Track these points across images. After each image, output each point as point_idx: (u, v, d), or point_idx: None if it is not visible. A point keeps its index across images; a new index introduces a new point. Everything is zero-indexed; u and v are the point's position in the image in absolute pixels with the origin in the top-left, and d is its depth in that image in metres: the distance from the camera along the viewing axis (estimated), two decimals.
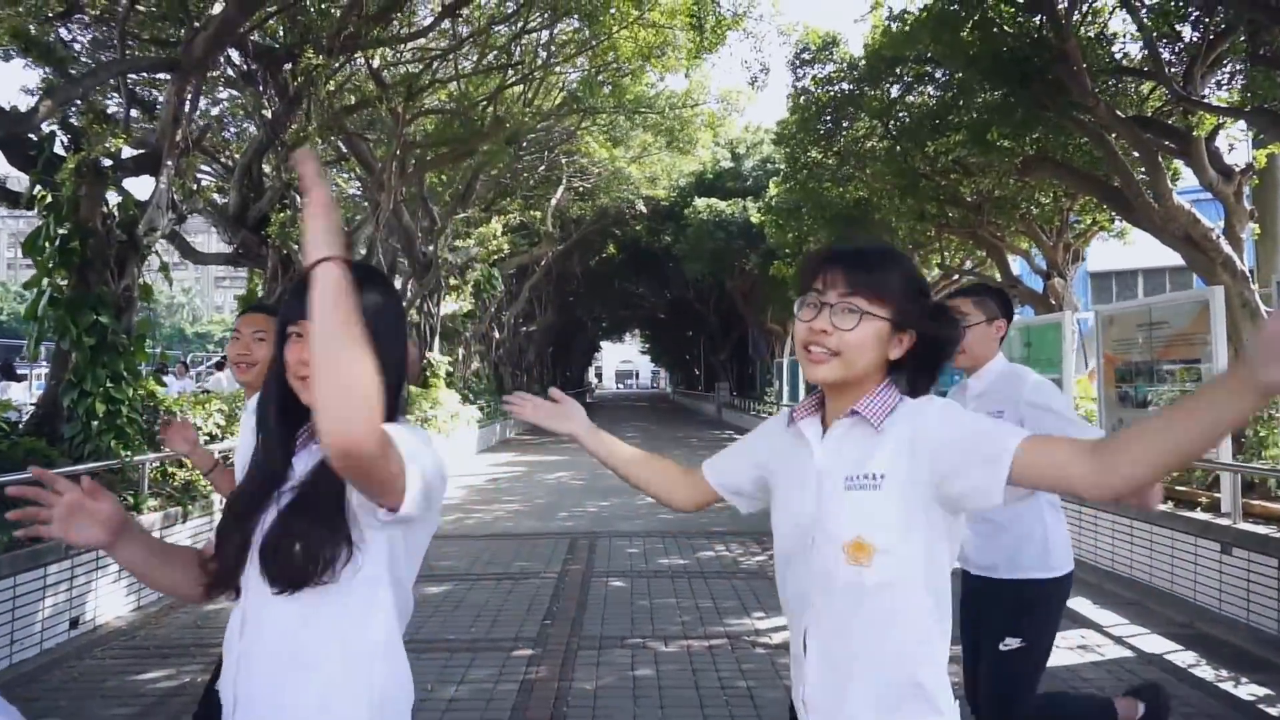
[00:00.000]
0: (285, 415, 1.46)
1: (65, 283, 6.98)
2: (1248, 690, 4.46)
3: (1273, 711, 4.21)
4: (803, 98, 12.72)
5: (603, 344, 73.96)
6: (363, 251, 14.24)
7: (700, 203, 23.07)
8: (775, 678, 4.54)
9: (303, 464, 1.44)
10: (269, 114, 11.06)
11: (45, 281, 6.84)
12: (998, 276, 11.80)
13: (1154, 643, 5.26)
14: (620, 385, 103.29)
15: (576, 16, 12.57)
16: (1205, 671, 4.75)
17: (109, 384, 6.84)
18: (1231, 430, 1.28)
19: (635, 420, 32.94)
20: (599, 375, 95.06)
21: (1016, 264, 13.18)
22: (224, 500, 2.40)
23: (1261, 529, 5.63)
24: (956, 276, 16.05)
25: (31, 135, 7.25)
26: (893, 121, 11.09)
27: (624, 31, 12.70)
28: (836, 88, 12.26)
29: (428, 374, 17.04)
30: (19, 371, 15.40)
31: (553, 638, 5.34)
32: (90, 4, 9.43)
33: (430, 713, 4.08)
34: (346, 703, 1.35)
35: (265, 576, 1.34)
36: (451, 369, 18.90)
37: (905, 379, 1.54)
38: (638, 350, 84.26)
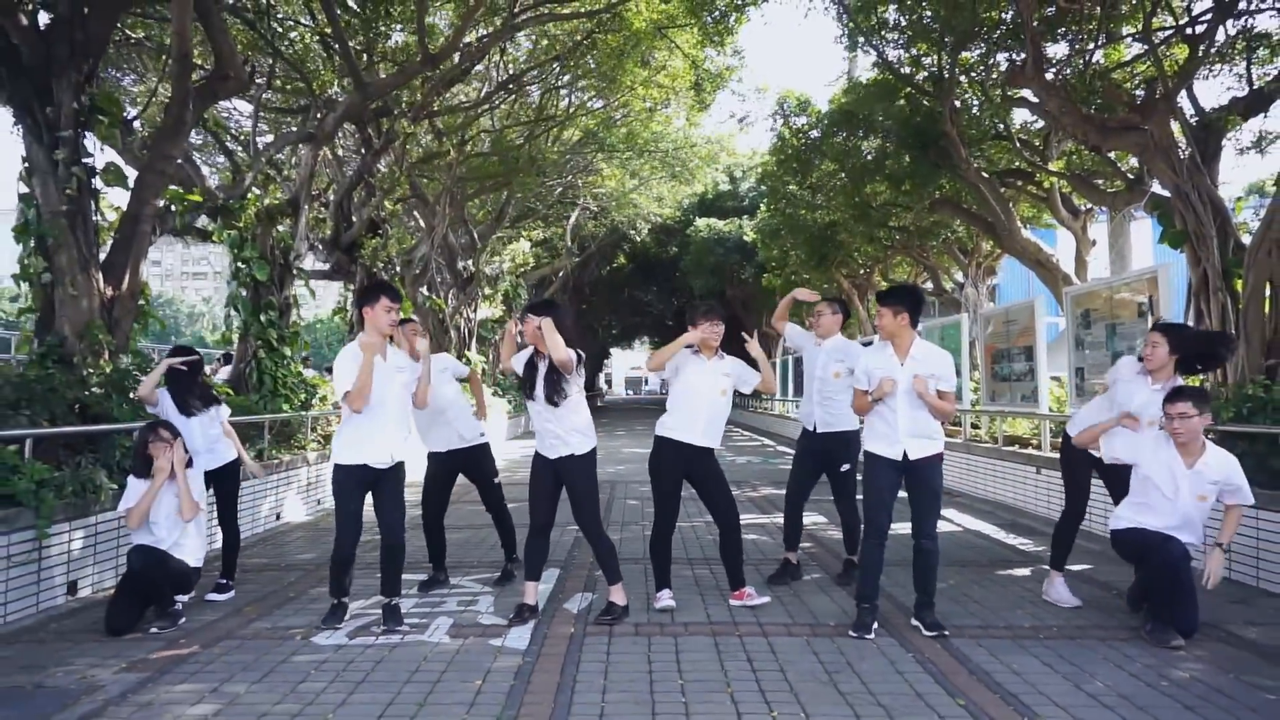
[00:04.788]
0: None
1: (245, 294, 10.00)
2: (1019, 541, 7.37)
3: (1026, 549, 7.09)
4: (780, 142, 15.71)
5: (612, 351, 76.49)
6: (417, 272, 17.28)
7: (701, 223, 26.08)
8: None
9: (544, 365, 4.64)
10: (340, 154, 14.04)
11: (236, 294, 9.87)
12: (930, 286, 14.79)
13: (983, 526, 8.16)
14: (630, 392, 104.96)
15: (598, 77, 15.58)
16: (1001, 534, 7.67)
17: (277, 364, 9.85)
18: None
19: (645, 418, 35.90)
20: (608, 382, 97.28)
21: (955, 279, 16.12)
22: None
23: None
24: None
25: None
26: (848, 164, 14.04)
27: (636, 89, 15.72)
28: (808, 136, 15.25)
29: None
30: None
31: None
32: None
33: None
34: (586, 428, 4.64)
35: (548, 400, 4.54)
36: (485, 367, 21.87)
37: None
38: (647, 358, 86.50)
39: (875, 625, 4.55)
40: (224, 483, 5.59)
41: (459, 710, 3.51)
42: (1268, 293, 6.65)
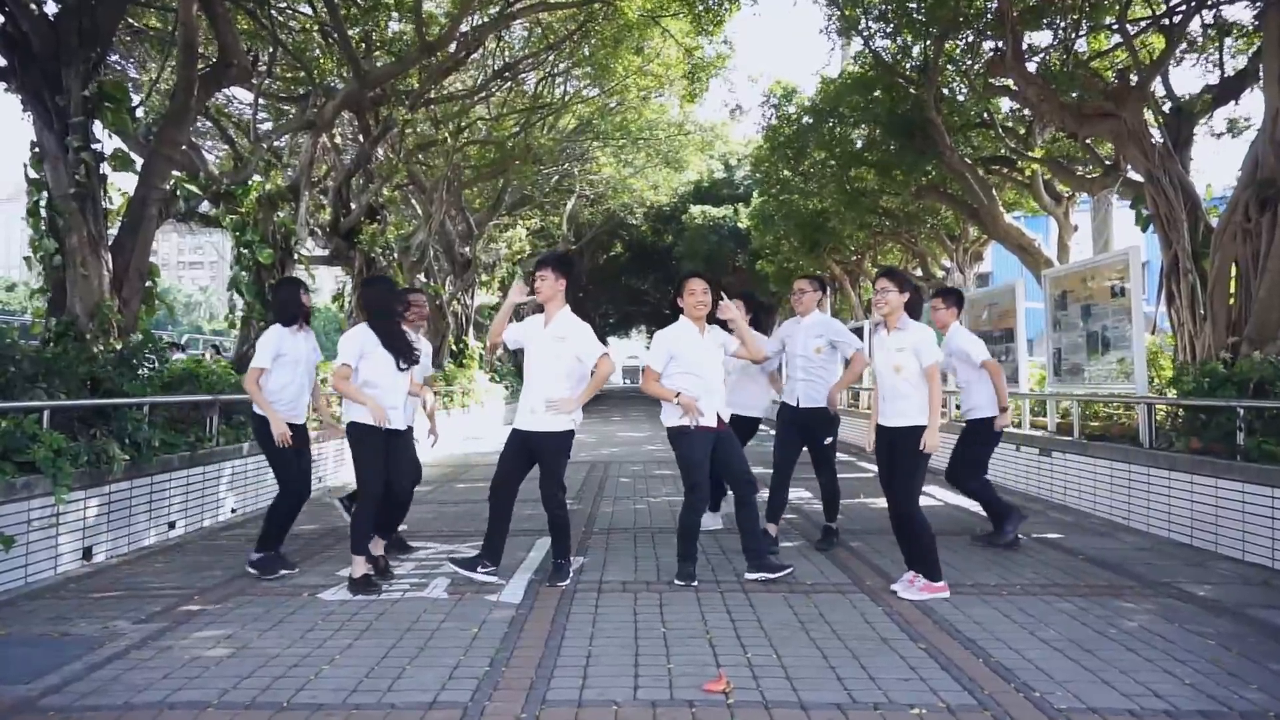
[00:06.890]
0: None
1: (249, 278, 10.24)
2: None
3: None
4: (772, 130, 15.91)
5: (609, 339, 76.41)
6: (415, 258, 17.48)
7: (695, 210, 26.29)
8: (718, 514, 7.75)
9: None
10: (339, 141, 14.22)
11: (239, 277, 10.12)
12: (919, 272, 15.09)
13: (964, 500, 8.44)
14: (626, 381, 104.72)
15: (592, 66, 15.77)
16: (978, 508, 7.95)
17: None
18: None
19: (641, 405, 36.20)
20: None
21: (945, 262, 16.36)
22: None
23: (1064, 438, 8.80)
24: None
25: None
26: (837, 150, 14.24)
27: (630, 78, 15.92)
28: (799, 122, 15.45)
29: (464, 357, 20.31)
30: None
31: (584, 498, 8.58)
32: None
33: (527, 524, 7.27)
34: None
35: None
36: (483, 353, 22.10)
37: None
38: (644, 347, 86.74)
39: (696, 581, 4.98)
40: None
41: (456, 653, 3.79)
42: (1233, 274, 6.92)
